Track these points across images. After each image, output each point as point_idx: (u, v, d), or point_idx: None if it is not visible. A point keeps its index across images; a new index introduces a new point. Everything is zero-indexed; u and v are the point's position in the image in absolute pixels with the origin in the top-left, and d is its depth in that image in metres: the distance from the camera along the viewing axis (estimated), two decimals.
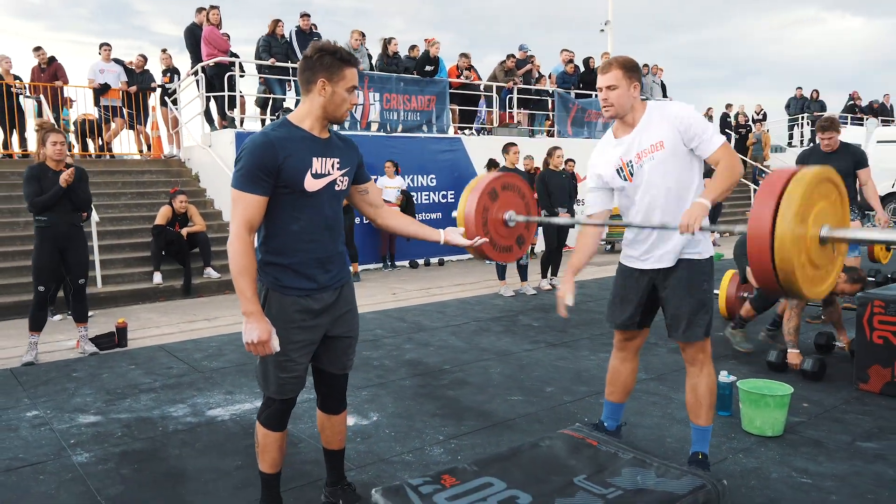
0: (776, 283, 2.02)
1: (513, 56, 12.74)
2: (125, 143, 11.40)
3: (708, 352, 2.85)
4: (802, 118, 20.05)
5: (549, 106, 13.31)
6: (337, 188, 2.37)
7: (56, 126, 5.04)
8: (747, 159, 18.06)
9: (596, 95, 13.30)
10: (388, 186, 9.89)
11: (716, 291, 6.07)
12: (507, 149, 7.46)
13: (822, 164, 5.36)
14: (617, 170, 2.81)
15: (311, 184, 2.26)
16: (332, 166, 2.34)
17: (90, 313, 6.59)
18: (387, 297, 7.64)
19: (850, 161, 5.36)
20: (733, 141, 18.60)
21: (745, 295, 5.95)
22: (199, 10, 9.97)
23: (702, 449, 2.89)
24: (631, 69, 2.75)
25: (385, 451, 3.32)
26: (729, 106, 19.51)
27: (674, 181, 2.72)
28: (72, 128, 11.11)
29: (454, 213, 3.04)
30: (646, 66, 15.19)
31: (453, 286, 8.27)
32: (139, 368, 4.84)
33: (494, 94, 12.46)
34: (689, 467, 1.74)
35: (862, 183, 5.54)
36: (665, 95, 15.69)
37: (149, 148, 11.39)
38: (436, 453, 3.28)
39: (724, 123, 18.84)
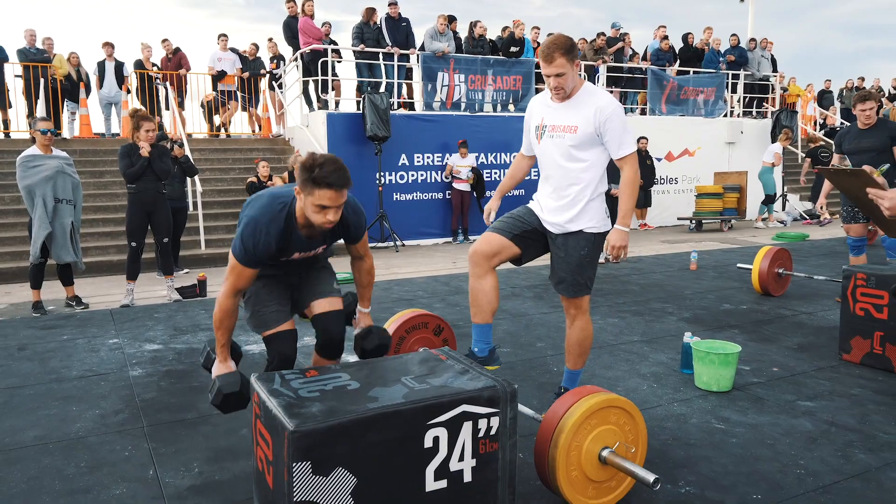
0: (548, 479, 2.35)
1: (603, 34, 12.72)
2: (239, 124, 12.73)
3: (582, 308, 3.17)
4: None
5: (643, 84, 13.17)
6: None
7: (149, 114, 6.06)
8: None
9: (694, 72, 13.11)
10: (460, 165, 10.39)
11: (748, 266, 6.09)
12: None
13: (857, 140, 5.28)
14: (535, 126, 3.15)
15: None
16: (312, 250, 2.75)
17: (185, 270, 7.75)
18: (447, 265, 8.19)
19: (886, 136, 5.18)
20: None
21: (781, 271, 5.92)
22: (289, 0, 10.90)
23: (565, 384, 3.30)
24: (570, 51, 2.91)
25: None
26: (860, 79, 18.05)
27: (568, 163, 3.02)
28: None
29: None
30: (752, 40, 14.52)
31: None
32: (208, 313, 5.74)
33: (583, 73, 12.52)
34: (493, 375, 2.14)
35: None
36: (775, 70, 14.90)
37: (260, 128, 12.62)
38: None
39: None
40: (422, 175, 10.87)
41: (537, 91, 12.14)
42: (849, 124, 6.93)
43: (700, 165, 13.18)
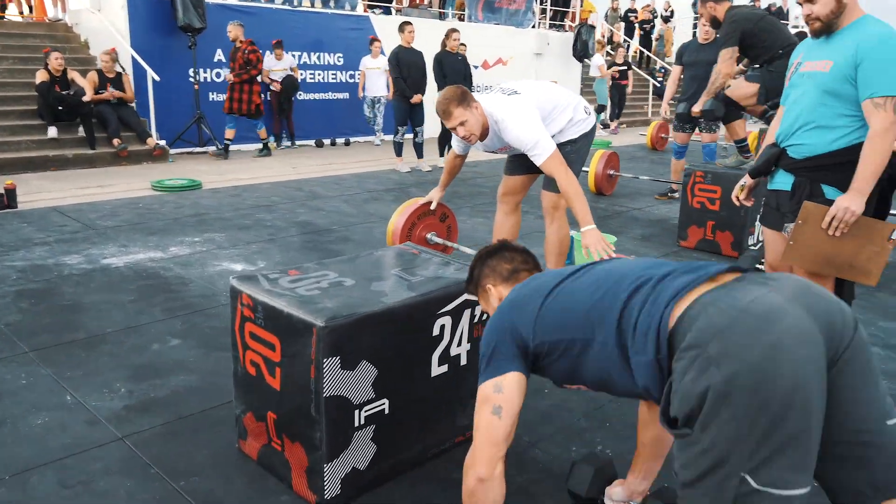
0: None
1: None
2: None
3: (560, 209, 3.39)
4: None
5: None
6: None
7: None
8: (651, 54, 18.71)
9: None
10: (276, 69, 9.74)
11: (584, 168, 6.70)
12: (402, 27, 7.61)
13: (696, 54, 5.95)
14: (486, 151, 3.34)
15: None
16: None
17: None
18: (286, 170, 7.87)
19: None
20: (637, 37, 19.08)
21: (612, 173, 6.61)
22: None
23: None
24: (463, 99, 2.97)
25: None
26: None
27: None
28: None
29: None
30: None
31: (354, 163, 8.57)
32: (32, 226, 4.99)
33: None
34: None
35: None
36: None
37: (31, 10, 10.67)
38: None
39: (626, 21, 19.17)
40: None
41: None
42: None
43: (512, 75, 13.77)
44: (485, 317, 2.17)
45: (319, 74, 10.99)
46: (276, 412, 1.97)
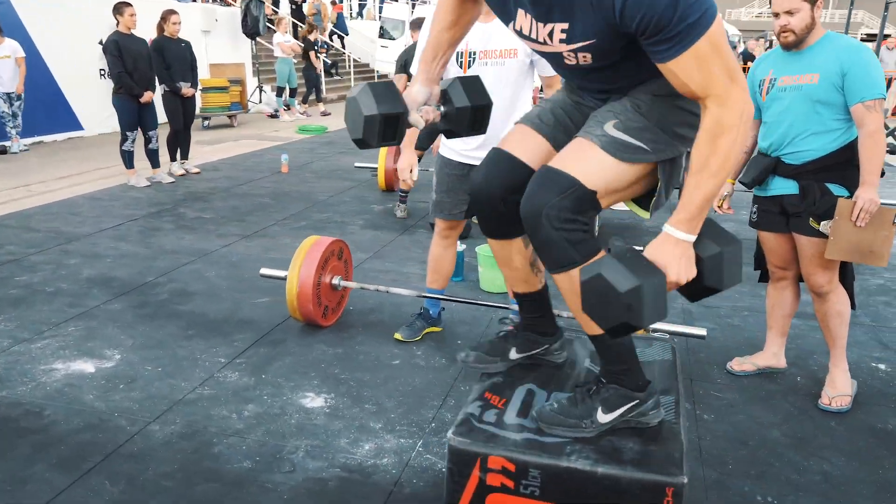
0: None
1: None
2: None
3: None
4: None
5: None
6: None
7: None
8: (303, 28, 18.47)
9: None
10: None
11: (371, 166, 6.45)
12: (120, 9, 6.17)
13: None
14: (458, 52, 2.66)
15: None
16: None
17: None
18: None
19: None
20: (289, 9, 18.59)
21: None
22: None
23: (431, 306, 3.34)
24: None
25: (173, 392, 2.75)
26: None
27: (509, 91, 2.71)
28: None
29: None
30: None
31: (58, 180, 6.68)
32: None
33: None
34: (646, 334, 2.01)
35: None
36: None
37: None
38: (233, 379, 2.87)
39: None
40: None
41: None
42: None
43: None
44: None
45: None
46: None
